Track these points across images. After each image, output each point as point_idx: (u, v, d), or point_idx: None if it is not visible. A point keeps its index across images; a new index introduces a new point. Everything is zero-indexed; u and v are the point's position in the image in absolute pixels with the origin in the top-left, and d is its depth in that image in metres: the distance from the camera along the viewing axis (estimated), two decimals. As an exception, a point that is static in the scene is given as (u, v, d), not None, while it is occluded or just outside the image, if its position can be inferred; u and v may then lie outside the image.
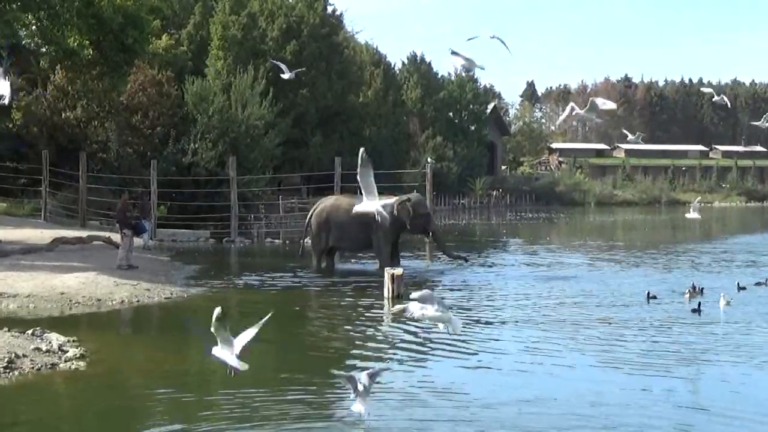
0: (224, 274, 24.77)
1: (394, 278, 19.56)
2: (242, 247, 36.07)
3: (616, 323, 16.14)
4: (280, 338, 15.22)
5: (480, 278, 24.18)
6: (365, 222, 25.78)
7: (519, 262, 28.99)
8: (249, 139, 43.57)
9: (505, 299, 19.77)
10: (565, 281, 22.92)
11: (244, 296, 20.40)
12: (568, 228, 54.23)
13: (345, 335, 15.53)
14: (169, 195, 38.84)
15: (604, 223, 62.43)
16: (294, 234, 39.67)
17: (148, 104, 42.22)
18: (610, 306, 18.31)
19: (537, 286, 22.05)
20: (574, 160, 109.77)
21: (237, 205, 38.40)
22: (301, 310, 18.51)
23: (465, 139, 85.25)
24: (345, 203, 26.72)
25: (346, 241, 26.76)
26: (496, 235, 46.26)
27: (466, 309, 18.26)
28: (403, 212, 25.98)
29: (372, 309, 18.33)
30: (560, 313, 17.25)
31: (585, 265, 27.98)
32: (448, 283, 23.01)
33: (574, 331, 15.21)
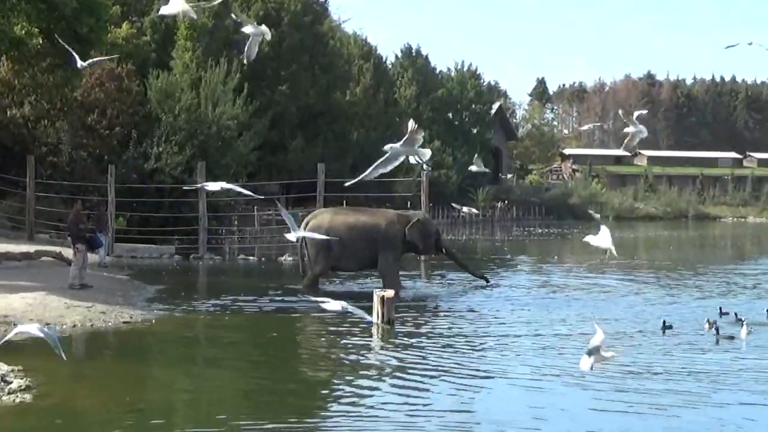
0: (191, 295, 24.77)
1: (384, 301, 19.60)
2: (212, 264, 36.05)
3: (623, 361, 16.13)
4: (255, 368, 15.23)
5: (481, 301, 24.25)
6: (371, 238, 26.08)
7: (525, 284, 29.09)
8: (220, 141, 43.63)
9: (506, 325, 19.83)
10: (573, 306, 22.99)
11: (214, 321, 20.40)
12: (582, 245, 54.31)
13: (329, 364, 15.56)
14: (128, 205, 38.84)
15: (623, 240, 62.56)
16: (272, 250, 39.67)
17: (105, 101, 42.22)
18: (621, 336, 18.33)
19: (542, 310, 22.12)
20: (590, 167, 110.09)
21: (206, 217, 38.42)
22: (279, 336, 18.53)
23: (466, 144, 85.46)
24: (347, 216, 26.88)
25: (349, 260, 26.85)
26: (500, 252, 46.37)
27: (464, 335, 18.31)
28: (415, 234, 26.38)
29: (360, 335, 18.37)
30: (564, 344, 17.27)
31: (598, 288, 28.05)
32: (445, 307, 23.06)
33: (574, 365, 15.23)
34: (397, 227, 26.69)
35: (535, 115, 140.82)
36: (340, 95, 63.35)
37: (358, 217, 27.11)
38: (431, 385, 13.89)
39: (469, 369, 14.87)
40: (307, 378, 14.74)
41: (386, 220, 26.99)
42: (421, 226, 26.66)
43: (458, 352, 16.39)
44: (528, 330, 18.95)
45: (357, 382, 14.10)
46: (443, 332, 18.81)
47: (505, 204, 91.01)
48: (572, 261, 41.49)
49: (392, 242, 26.56)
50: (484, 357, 16.03)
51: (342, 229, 26.44)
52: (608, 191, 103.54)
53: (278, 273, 32.61)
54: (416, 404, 12.77)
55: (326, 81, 60.23)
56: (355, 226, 26.64)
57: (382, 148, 10.81)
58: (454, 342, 17.55)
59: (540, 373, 14.52)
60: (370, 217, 27.25)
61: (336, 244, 26.23)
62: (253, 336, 18.75)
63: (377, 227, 26.65)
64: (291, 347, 17.63)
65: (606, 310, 22.37)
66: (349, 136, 63.01)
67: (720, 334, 18.12)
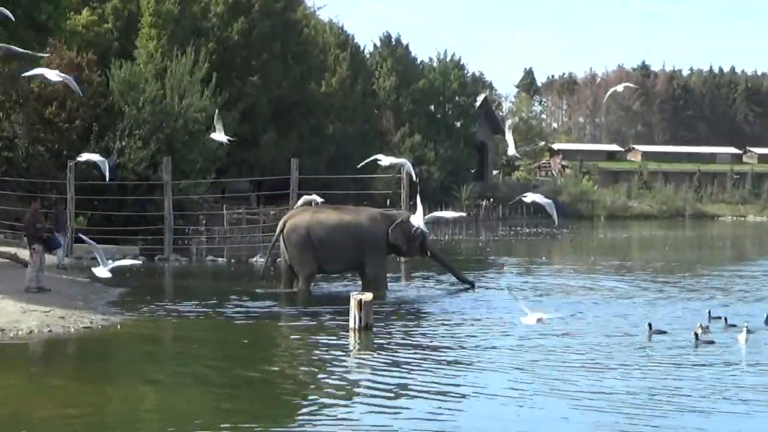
0: (156, 299, 24.72)
1: (361, 305, 19.61)
2: (178, 266, 36.00)
3: (605, 366, 16.20)
4: (223, 378, 15.24)
5: (464, 305, 24.30)
6: (357, 239, 26.14)
7: (511, 286, 29.13)
8: (187, 135, 43.57)
9: (490, 331, 19.87)
10: (561, 310, 23.03)
11: (181, 327, 20.39)
12: (572, 246, 54.54)
13: (302, 373, 15.57)
14: (89, 203, 38.73)
15: (616, 240, 62.85)
16: (242, 251, 39.63)
17: (64, 93, 42.06)
18: (606, 343, 18.38)
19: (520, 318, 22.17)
20: (581, 163, 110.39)
21: (172, 215, 38.36)
22: (251, 343, 18.53)
23: (449, 138, 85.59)
24: (329, 215, 26.90)
25: (333, 262, 26.91)
26: (485, 253, 46.47)
27: (446, 343, 18.37)
28: (399, 235, 26.48)
29: (336, 342, 18.39)
30: (551, 353, 17.33)
31: (587, 290, 28.16)
32: (427, 312, 23.12)
33: (559, 376, 15.30)
34: (381, 227, 26.74)
35: (522, 107, 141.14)
36: (315, 86, 63.34)
37: (341, 215, 27.11)
38: (410, 396, 13.86)
39: (451, 382, 14.87)
40: (279, 388, 14.74)
41: (370, 220, 27.04)
42: (405, 227, 26.60)
43: (440, 362, 16.41)
44: (514, 337, 18.98)
45: (331, 392, 14.11)
46: (424, 339, 18.84)
47: (491, 202, 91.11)
48: (561, 262, 41.65)
49: (377, 243, 26.60)
50: (468, 367, 16.05)
51: (324, 229, 26.49)
52: (600, 188, 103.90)
53: (249, 275, 32.56)
54: (393, 414, 12.77)
55: (300, 71, 60.18)
56: (339, 225, 26.66)
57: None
58: (435, 350, 17.57)
59: (526, 386, 14.55)
60: (354, 215, 27.31)
61: (319, 244, 26.28)
62: (222, 343, 18.74)
63: (361, 227, 26.72)
64: (262, 354, 17.62)
65: (594, 313, 22.46)
66: (324, 129, 63.01)
67: (699, 339, 18.18)
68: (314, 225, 26.57)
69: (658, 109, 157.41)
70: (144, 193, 40.22)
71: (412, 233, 26.76)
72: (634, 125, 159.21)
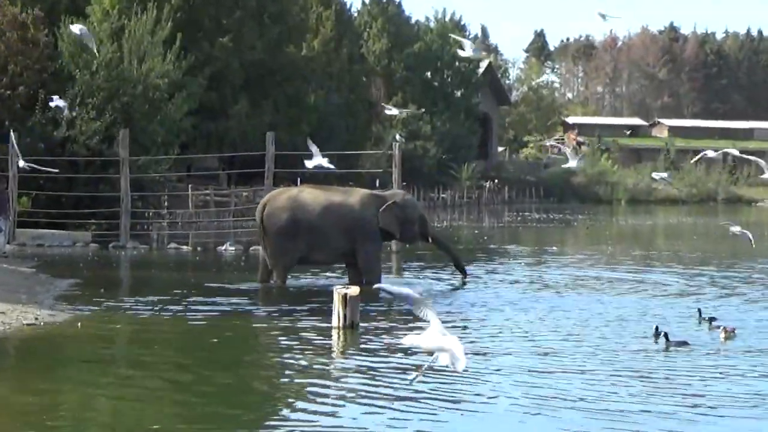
0: (111, 293, 24.74)
1: (347, 300, 19.66)
2: (137, 255, 36.05)
3: (606, 371, 16.29)
4: (189, 383, 15.27)
5: (463, 301, 24.38)
6: (348, 227, 25.99)
7: (517, 281, 29.21)
8: (147, 105, 43.56)
9: (492, 331, 19.92)
10: (571, 308, 23.11)
11: (140, 325, 20.39)
12: (588, 234, 54.65)
13: (278, 378, 15.62)
14: (34, 182, 38.72)
15: (638, 227, 62.99)
16: (209, 238, 39.66)
17: (6, 55, 42.00)
18: (610, 346, 18.45)
19: (534, 314, 22.23)
20: (599, 140, 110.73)
21: (129, 196, 38.38)
22: (220, 343, 18.55)
23: (448, 110, 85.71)
24: (315, 196, 26.74)
25: (320, 251, 26.78)
26: (488, 241, 46.55)
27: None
28: (389, 219, 26.31)
29: (317, 343, 18.43)
30: (556, 359, 17.39)
31: (601, 285, 28.23)
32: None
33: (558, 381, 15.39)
34: (373, 211, 26.55)
35: (532, 75, 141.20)
36: (294, 49, 63.31)
37: (329, 197, 26.83)
38: (399, 403, 13.90)
39: (446, 389, 14.91)
40: (252, 394, 14.79)
41: (360, 202, 26.71)
42: (398, 210, 26.48)
43: (435, 368, 16.38)
44: (517, 339, 19.00)
45: (311, 398, 14.16)
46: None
47: (495, 184, 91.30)
48: (575, 252, 41.70)
49: (371, 230, 26.46)
50: (464, 372, 16.04)
51: (310, 212, 26.33)
52: (621, 169, 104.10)
53: (218, 265, 32.63)
54: (379, 423, 12.83)
55: (277, 32, 60.18)
56: (328, 208, 26.43)
57: None
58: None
59: (530, 395, 14.60)
60: (344, 197, 26.99)
61: (304, 230, 26.10)
62: (187, 344, 18.74)
63: (353, 211, 26.48)
64: (234, 356, 17.62)
65: (602, 311, 22.54)
66: (305, 99, 63.02)
67: (670, 341, 18.23)
68: (298, 208, 26.33)
69: (687, 78, 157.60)
70: (97, 170, 40.20)
71: (407, 216, 26.75)
72: (659, 96, 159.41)
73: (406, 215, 26.76)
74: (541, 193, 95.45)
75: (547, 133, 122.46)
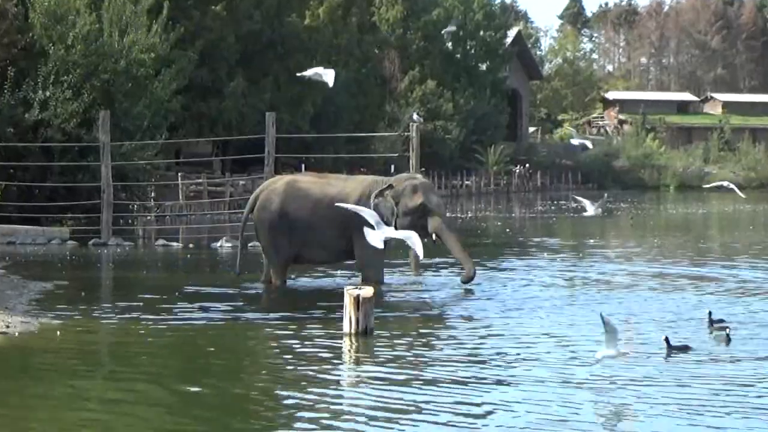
0: (92, 296, 24.77)
1: (359, 303, 19.59)
2: (120, 253, 36.07)
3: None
4: (182, 398, 15.26)
5: (488, 303, 24.32)
6: (343, 221, 25.70)
7: (550, 278, 29.11)
8: (131, 83, 43.57)
9: (522, 339, 19.86)
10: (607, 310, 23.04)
11: (125, 334, 20.37)
12: (633, 225, 54.53)
13: (281, 391, 15.60)
14: (4, 172, 38.76)
15: (689, 217, 62.85)
16: (202, 233, 39.67)
17: (-30, 28, 42.10)
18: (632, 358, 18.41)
19: (567, 318, 22.15)
20: (644, 118, 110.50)
21: (111, 187, 38.39)
22: (216, 353, 18.54)
23: (472, 86, 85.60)
24: (310, 186, 26.60)
25: (315, 250, 26.69)
26: (518, 234, 46.47)
27: (468, 353, 18.40)
28: (382, 204, 25.87)
29: (326, 351, 18.39)
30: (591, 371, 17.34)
31: (646, 282, 28.17)
32: (443, 312, 23.14)
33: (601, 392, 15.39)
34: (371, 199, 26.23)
35: (567, 45, 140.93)
36: (296, 19, 63.30)
37: (323, 186, 26.67)
38: (421, 420, 13.90)
39: (470, 400, 14.90)
40: (254, 410, 14.76)
41: (360, 191, 26.45)
42: (396, 194, 26.07)
43: (459, 381, 16.33)
44: (550, 349, 18.87)
45: (320, 415, 14.12)
46: (438, 346, 18.85)
47: (526, 169, 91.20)
48: (619, 246, 41.61)
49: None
50: (493, 385, 16.01)
51: (301, 205, 26.26)
52: (668, 150, 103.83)
53: (213, 265, 32.66)
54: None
55: (277, 0, 60.15)
56: (320, 199, 26.27)
57: None
58: (454, 363, 17.55)
59: (562, 405, 14.58)
60: (341, 186, 26.73)
61: (295, 225, 26.04)
62: (179, 354, 18.72)
63: (346, 201, 26.08)
64: (231, 369, 17.60)
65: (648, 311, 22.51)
66: (309, 75, 62.96)
67: (671, 345, 18.17)
68: (288, 199, 26.28)
69: (743, 47, 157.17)
70: (75, 158, 40.23)
71: (404, 204, 26.18)
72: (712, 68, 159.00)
73: (402, 203, 26.19)
74: (578, 179, 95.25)
75: (585, 110, 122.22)
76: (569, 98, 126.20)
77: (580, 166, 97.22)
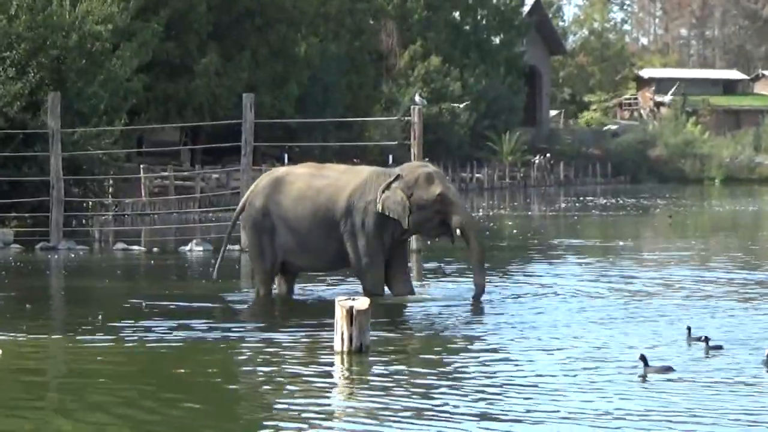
0: (40, 309, 24.75)
1: (353, 316, 19.57)
2: (73, 258, 36.07)
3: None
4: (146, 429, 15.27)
5: (502, 318, 24.32)
6: (329, 220, 25.54)
7: (573, 293, 29.02)
8: (84, 60, 43.56)
9: (532, 354, 19.88)
10: (635, 325, 23.05)
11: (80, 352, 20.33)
12: (672, 224, 54.56)
13: (261, 419, 15.61)
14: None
15: (737, 214, 62.84)
16: (168, 235, 39.67)
17: None
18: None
19: (589, 334, 22.14)
20: (684, 99, 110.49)
21: (62, 182, 38.37)
22: (186, 375, 18.51)
23: (483, 62, 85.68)
24: (297, 179, 26.43)
25: (304, 256, 26.42)
26: (538, 235, 46.50)
27: (475, 377, 18.41)
28: (390, 203, 25.47)
29: (314, 371, 18.39)
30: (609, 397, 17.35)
31: (683, 290, 28.20)
32: (451, 326, 23.13)
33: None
34: (371, 196, 25.66)
35: (594, 15, 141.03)
36: (278, -16, 63.38)
37: (311, 179, 26.26)
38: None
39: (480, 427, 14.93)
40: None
41: (354, 185, 26.14)
42: (407, 188, 25.85)
43: (469, 414, 16.31)
44: (567, 373, 18.82)
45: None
46: (445, 369, 18.82)
47: (547, 159, 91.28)
48: (656, 249, 41.64)
49: (357, 222, 25.89)
50: (501, 413, 16.01)
51: (285, 202, 26.01)
52: (713, 137, 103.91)
53: (181, 272, 32.65)
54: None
55: (256, -39, 60.25)
56: (305, 195, 25.92)
57: None
58: (459, 380, 17.57)
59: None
60: (331, 178, 26.31)
61: (277, 226, 25.88)
62: (143, 376, 18.65)
63: (336, 196, 25.92)
64: (204, 394, 17.60)
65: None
66: (292, 49, 63.01)
67: (649, 366, 18.17)
68: (272, 195, 26.05)
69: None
70: (19, 148, 40.22)
71: (419, 197, 25.75)
72: (764, 41, 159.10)
73: (416, 196, 25.77)
74: (608, 171, 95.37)
75: (615, 91, 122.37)
76: (597, 76, 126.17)
77: (611, 156, 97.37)
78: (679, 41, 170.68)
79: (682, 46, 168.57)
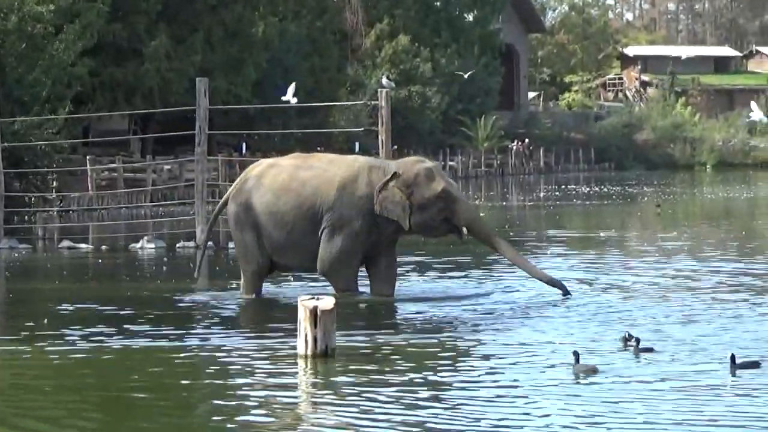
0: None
1: (317, 317, 19.54)
2: (15, 258, 36.06)
3: None
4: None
5: (483, 317, 24.37)
6: (313, 213, 25.45)
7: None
8: (24, 43, 43.51)
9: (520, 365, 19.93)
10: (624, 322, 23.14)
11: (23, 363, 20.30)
12: (660, 214, 54.72)
13: (217, 428, 15.62)
14: None
15: (731, 202, 63.02)
16: (118, 232, 39.62)
17: None
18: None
19: (577, 331, 22.21)
20: (672, 78, 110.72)
21: (2, 175, 38.33)
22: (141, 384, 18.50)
23: (455, 41, 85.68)
24: (281, 170, 26.31)
25: (287, 254, 26.31)
26: (517, 227, 46.64)
27: (453, 384, 18.44)
28: (389, 203, 25.37)
29: (276, 377, 18.39)
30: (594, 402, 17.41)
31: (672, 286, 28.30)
32: (423, 327, 23.16)
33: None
34: (362, 190, 25.90)
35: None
36: (232, -41, 63.39)
37: (295, 171, 26.17)
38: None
39: None
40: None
41: (342, 178, 26.05)
42: (404, 185, 25.73)
43: (438, 409, 16.34)
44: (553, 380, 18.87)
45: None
46: (416, 375, 18.83)
47: (525, 145, 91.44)
48: (642, 240, 41.78)
49: (344, 216, 25.90)
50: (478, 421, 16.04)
51: (267, 196, 25.90)
52: (704, 119, 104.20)
53: (133, 271, 32.63)
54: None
55: (209, -67, 60.30)
56: (287, 186, 25.87)
57: None
58: (435, 387, 17.59)
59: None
60: (318, 170, 26.16)
61: (263, 221, 25.77)
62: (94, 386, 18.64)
63: (325, 190, 25.90)
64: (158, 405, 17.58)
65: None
66: (248, 30, 63.00)
67: (579, 363, 18.26)
68: (256, 186, 26.02)
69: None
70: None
71: (422, 198, 25.80)
72: (758, 15, 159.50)
73: (416, 195, 25.66)
74: (591, 157, 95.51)
75: (599, 70, 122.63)
76: (578, 55, 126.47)
77: (594, 140, 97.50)
78: (667, 16, 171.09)
79: (670, 22, 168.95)
